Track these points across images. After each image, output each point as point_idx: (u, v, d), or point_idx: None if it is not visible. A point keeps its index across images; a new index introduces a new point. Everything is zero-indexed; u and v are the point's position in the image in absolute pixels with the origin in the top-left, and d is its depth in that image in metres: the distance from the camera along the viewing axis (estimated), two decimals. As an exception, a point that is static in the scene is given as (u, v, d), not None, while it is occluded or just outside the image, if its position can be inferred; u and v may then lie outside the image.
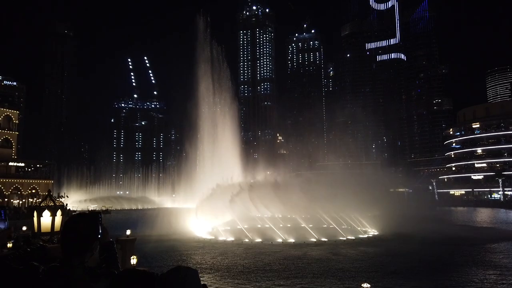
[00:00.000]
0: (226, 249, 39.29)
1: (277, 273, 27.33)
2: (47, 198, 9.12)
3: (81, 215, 3.15)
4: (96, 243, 3.00)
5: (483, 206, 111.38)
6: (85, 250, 2.88)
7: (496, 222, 68.60)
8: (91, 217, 3.08)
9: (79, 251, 2.86)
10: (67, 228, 2.93)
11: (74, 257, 2.83)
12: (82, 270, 2.80)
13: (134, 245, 24.56)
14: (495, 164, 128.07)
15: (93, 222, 3.02)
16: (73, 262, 2.80)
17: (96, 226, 3.01)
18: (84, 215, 3.11)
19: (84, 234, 2.89)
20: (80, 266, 2.81)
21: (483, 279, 25.05)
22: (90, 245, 2.92)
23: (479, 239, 43.81)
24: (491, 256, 33.80)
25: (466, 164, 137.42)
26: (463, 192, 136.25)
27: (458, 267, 28.87)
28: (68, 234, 2.89)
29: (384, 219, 50.90)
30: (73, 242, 2.87)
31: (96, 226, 3.02)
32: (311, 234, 44.93)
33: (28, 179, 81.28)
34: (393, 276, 25.96)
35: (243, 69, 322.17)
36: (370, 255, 34.63)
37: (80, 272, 2.78)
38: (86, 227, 2.93)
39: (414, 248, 37.34)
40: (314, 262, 31.28)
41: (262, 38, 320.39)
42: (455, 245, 39.50)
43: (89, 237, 2.91)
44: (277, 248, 39.39)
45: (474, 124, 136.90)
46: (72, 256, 2.83)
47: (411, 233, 46.27)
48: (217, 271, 28.80)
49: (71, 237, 2.88)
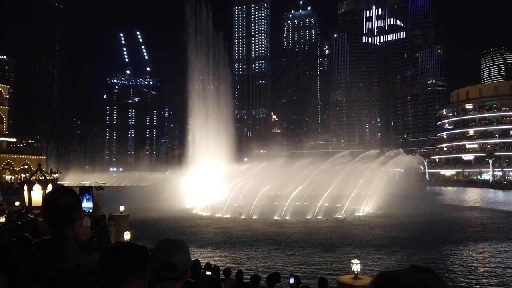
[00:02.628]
0: (222, 225, 39.67)
1: (263, 244, 27.72)
2: (37, 172, 8.95)
3: (60, 189, 3.19)
4: (80, 212, 3.01)
5: (473, 186, 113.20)
6: (73, 221, 2.89)
7: (483, 202, 69.83)
8: (69, 189, 3.10)
9: (67, 222, 2.86)
10: (51, 202, 2.93)
11: (65, 230, 2.83)
12: (75, 243, 2.82)
13: (127, 221, 24.62)
14: (486, 145, 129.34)
15: (73, 193, 3.04)
16: (66, 235, 2.82)
17: (76, 197, 3.05)
18: (62, 189, 3.14)
19: (68, 205, 2.90)
20: (72, 239, 2.82)
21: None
22: (76, 215, 2.93)
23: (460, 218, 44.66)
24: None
25: (458, 144, 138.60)
26: (454, 172, 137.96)
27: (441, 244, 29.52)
28: (54, 208, 2.88)
29: (376, 198, 51.52)
30: (59, 215, 2.86)
31: (77, 197, 3.07)
32: (305, 212, 45.51)
33: (20, 155, 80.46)
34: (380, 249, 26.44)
35: (238, 47, 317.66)
36: (365, 231, 35.20)
37: (72, 245, 2.80)
38: (68, 199, 2.93)
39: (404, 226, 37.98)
40: (300, 235, 31.77)
41: (257, 14, 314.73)
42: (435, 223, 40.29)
43: (73, 208, 2.92)
44: (270, 224, 39.82)
45: (467, 105, 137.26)
46: (62, 229, 2.84)
47: (400, 213, 46.99)
48: (210, 245, 29.11)
49: (57, 210, 2.87)
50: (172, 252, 2.24)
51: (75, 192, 3.11)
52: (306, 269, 22.03)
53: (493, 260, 25.18)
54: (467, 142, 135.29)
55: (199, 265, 12.59)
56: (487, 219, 44.28)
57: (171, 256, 2.21)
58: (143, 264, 2.12)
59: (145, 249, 2.21)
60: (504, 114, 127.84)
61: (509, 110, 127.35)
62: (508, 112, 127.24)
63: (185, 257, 2.32)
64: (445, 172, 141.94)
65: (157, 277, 2.20)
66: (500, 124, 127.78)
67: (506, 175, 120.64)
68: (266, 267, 21.75)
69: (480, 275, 21.67)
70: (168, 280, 2.21)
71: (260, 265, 23.15)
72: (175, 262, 2.20)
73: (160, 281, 2.21)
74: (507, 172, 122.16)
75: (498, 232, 35.47)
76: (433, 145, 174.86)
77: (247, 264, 23.50)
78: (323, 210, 46.63)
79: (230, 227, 38.48)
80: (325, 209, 47.10)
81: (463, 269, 22.70)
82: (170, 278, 2.21)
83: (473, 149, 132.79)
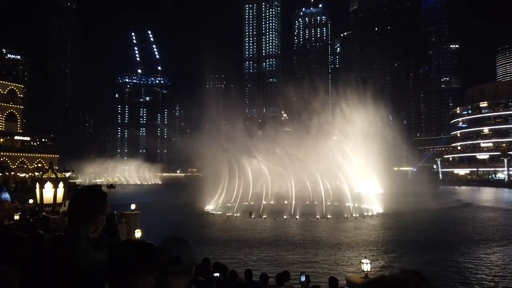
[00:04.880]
0: (232, 223, 39.74)
1: (274, 245, 27.63)
2: (49, 170, 9.05)
3: (89, 187, 3.23)
4: (101, 217, 3.06)
5: (487, 186, 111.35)
6: (89, 221, 2.97)
7: (498, 202, 68.56)
8: (98, 190, 3.15)
9: (84, 221, 2.95)
10: (75, 198, 3.01)
11: (79, 227, 2.92)
12: (86, 240, 2.89)
13: (138, 219, 24.81)
14: (501, 144, 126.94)
15: (100, 195, 3.10)
16: (79, 232, 2.90)
17: (102, 200, 3.09)
18: (91, 188, 3.19)
19: (90, 206, 2.97)
20: (84, 236, 2.90)
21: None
22: (95, 217, 2.99)
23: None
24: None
25: (472, 143, 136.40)
26: (468, 171, 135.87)
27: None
28: (75, 205, 2.98)
29: (387, 198, 51.05)
30: (78, 212, 2.95)
31: (102, 200, 3.09)
32: (318, 211, 45.28)
33: (34, 153, 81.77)
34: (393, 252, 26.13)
35: (248, 45, 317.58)
36: (376, 230, 34.84)
37: (84, 242, 2.87)
38: (92, 199, 3.01)
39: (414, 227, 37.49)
40: (313, 235, 31.57)
41: (268, 12, 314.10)
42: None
43: (94, 209, 2.99)
44: (280, 223, 39.72)
45: (481, 103, 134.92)
46: (77, 226, 2.92)
47: (412, 213, 46.42)
48: (220, 243, 29.15)
49: (77, 207, 2.97)
50: (177, 247, 2.28)
51: (102, 193, 3.14)
52: (316, 269, 21.89)
53: (507, 264, 24.69)
54: (481, 141, 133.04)
55: (209, 264, 12.56)
56: (503, 219, 43.46)
57: (175, 251, 2.24)
58: (152, 261, 2.15)
59: (153, 247, 2.24)
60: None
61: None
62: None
63: (190, 253, 2.34)
64: (459, 171, 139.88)
65: (161, 271, 2.22)
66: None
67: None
68: (275, 266, 21.68)
69: (496, 278, 21.27)
70: (173, 274, 2.23)
71: (270, 264, 23.09)
72: (180, 256, 2.24)
73: (165, 276, 2.22)
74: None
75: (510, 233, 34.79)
76: (447, 144, 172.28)
77: (257, 263, 23.46)
78: (334, 209, 46.37)
79: (240, 226, 38.50)
80: (335, 208, 46.83)
81: (478, 272, 22.29)
82: (175, 272, 2.23)
83: (488, 148, 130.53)
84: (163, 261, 2.22)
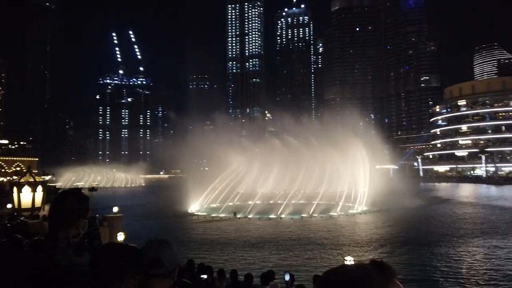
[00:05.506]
0: (217, 224, 39.57)
1: (260, 245, 27.66)
2: (27, 174, 8.82)
3: (71, 190, 3.11)
4: (83, 221, 2.97)
5: (466, 182, 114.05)
6: (70, 224, 2.89)
7: (476, 197, 70.33)
8: (79, 193, 3.06)
9: (65, 225, 2.87)
10: (56, 202, 2.95)
11: (59, 231, 2.84)
12: (66, 244, 2.83)
13: (121, 222, 24.46)
14: (479, 141, 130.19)
15: (82, 198, 3.01)
16: (58, 236, 2.82)
17: (84, 203, 3.00)
18: (73, 191, 3.07)
19: (71, 209, 2.91)
20: (64, 241, 2.83)
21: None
22: (76, 220, 2.92)
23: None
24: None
25: (451, 141, 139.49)
26: (447, 168, 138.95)
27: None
28: (56, 208, 2.91)
29: (370, 196, 51.71)
30: (59, 216, 2.88)
31: (84, 203, 3.01)
32: (302, 209, 45.54)
33: (12, 157, 79.78)
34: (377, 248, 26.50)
35: (231, 45, 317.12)
36: (360, 228, 35.27)
37: (64, 246, 2.81)
38: (74, 203, 2.94)
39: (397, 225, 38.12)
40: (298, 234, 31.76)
41: (250, 12, 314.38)
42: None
43: (75, 212, 2.92)
44: (265, 222, 39.78)
45: (460, 101, 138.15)
46: (57, 230, 2.85)
47: (394, 209, 47.20)
48: (205, 244, 29.01)
49: (58, 210, 2.90)
50: (159, 249, 2.26)
51: (83, 196, 3.06)
52: (301, 267, 22.02)
53: (487, 257, 25.35)
54: (460, 138, 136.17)
55: (194, 265, 12.50)
56: (481, 214, 44.60)
57: (158, 253, 2.23)
58: (135, 265, 2.13)
59: (136, 249, 2.21)
60: (496, 110, 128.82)
61: (501, 106, 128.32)
62: (501, 108, 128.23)
63: (172, 255, 2.32)
64: (439, 168, 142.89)
65: (144, 274, 2.19)
66: (492, 120, 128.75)
67: (498, 171, 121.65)
68: (261, 266, 21.71)
69: (476, 271, 21.81)
70: (156, 277, 2.20)
71: (255, 264, 23.11)
72: (162, 259, 2.22)
73: (148, 279, 2.20)
74: (500, 168, 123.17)
75: (493, 227, 35.73)
76: (427, 142, 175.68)
77: (242, 263, 23.44)
78: (318, 208, 46.70)
79: (225, 227, 38.39)
80: (320, 207, 47.18)
81: (458, 266, 22.82)
82: (157, 274, 2.20)
83: (466, 145, 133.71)
84: (146, 264, 2.20)
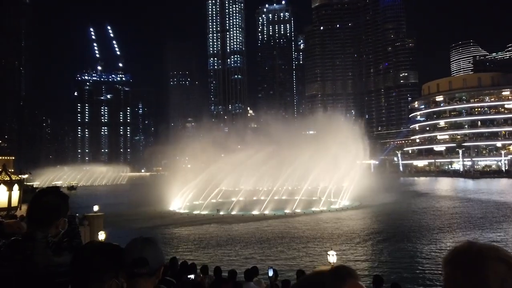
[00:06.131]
0: (200, 221, 39.37)
1: (243, 242, 27.70)
2: (2, 172, 8.53)
3: (49, 189, 3.04)
4: (62, 219, 2.90)
5: (444, 176, 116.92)
6: (49, 223, 2.82)
7: (454, 191, 72.20)
8: (58, 191, 3.00)
9: (44, 224, 2.80)
10: (34, 200, 2.88)
11: (37, 230, 2.77)
12: (45, 244, 2.75)
13: (102, 221, 24.04)
14: (456, 136, 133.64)
15: (61, 197, 2.95)
16: (36, 236, 2.74)
17: (63, 201, 2.93)
18: (52, 189, 3.01)
19: (50, 207, 2.84)
20: (43, 240, 2.75)
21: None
22: (56, 219, 2.85)
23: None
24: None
25: (429, 136, 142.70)
26: (426, 163, 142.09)
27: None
28: (35, 207, 2.85)
29: (352, 190, 52.42)
30: (38, 214, 2.81)
31: (64, 202, 2.94)
32: (285, 206, 45.75)
33: (-13, 156, 77.18)
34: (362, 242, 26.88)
35: (212, 41, 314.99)
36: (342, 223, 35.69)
37: (42, 246, 2.73)
38: (52, 201, 2.87)
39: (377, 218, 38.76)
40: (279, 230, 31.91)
41: (231, 8, 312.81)
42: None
43: (55, 211, 2.86)
44: (249, 219, 39.82)
45: (437, 97, 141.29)
46: (35, 230, 2.78)
47: (375, 204, 47.99)
48: (187, 242, 28.84)
49: (37, 209, 2.83)
50: (143, 248, 2.21)
51: (62, 194, 2.96)
52: (285, 263, 22.14)
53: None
54: (438, 133, 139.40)
55: (177, 263, 12.39)
56: (459, 208, 45.78)
57: (142, 252, 2.18)
58: (118, 263, 2.07)
59: (119, 248, 2.16)
60: (472, 105, 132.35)
61: (477, 102, 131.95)
62: (476, 103, 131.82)
63: (157, 253, 2.26)
64: (418, 163, 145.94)
65: (128, 273, 2.15)
66: (469, 115, 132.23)
67: (475, 165, 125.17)
68: (244, 263, 21.71)
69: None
70: (140, 276, 2.16)
71: (239, 260, 23.10)
72: (146, 257, 2.18)
73: (132, 278, 2.15)
74: (476, 162, 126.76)
75: (471, 221, 36.74)
76: (406, 137, 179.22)
77: (225, 260, 23.40)
78: (301, 204, 47.03)
79: (208, 224, 38.22)
80: (302, 203, 47.52)
81: (439, 259, 23.36)
82: (142, 273, 2.16)
83: (444, 140, 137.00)
84: (130, 263, 2.14)
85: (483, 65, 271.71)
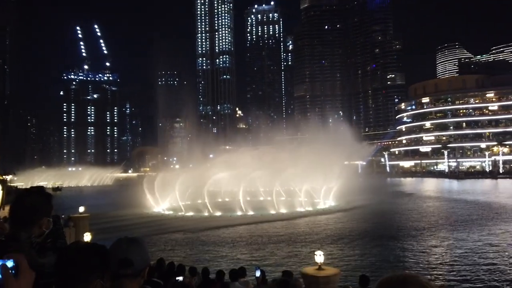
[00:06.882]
0: (185, 223, 39.08)
1: (230, 243, 27.63)
2: (-17, 173, 8.35)
3: (33, 188, 2.98)
4: (46, 219, 2.86)
5: (430, 177, 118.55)
6: (33, 223, 2.77)
7: (439, 192, 73.28)
8: (42, 191, 2.95)
9: (27, 224, 2.75)
10: (18, 200, 2.86)
11: (21, 231, 2.72)
12: (29, 245, 2.70)
13: (87, 222, 23.72)
14: (442, 137, 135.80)
15: (45, 196, 2.91)
16: (20, 237, 2.68)
17: (47, 201, 2.90)
18: (36, 189, 2.96)
19: (34, 207, 2.80)
20: (26, 241, 2.70)
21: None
22: (39, 219, 2.80)
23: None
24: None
25: (416, 137, 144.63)
26: (412, 163, 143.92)
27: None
28: (18, 206, 2.81)
29: (338, 190, 52.71)
30: (21, 214, 2.77)
31: (48, 201, 2.90)
32: (269, 206, 45.69)
33: (-31, 156, 75.52)
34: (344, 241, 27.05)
35: (201, 41, 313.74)
36: (328, 224, 35.86)
37: (26, 246, 2.66)
38: (36, 200, 2.84)
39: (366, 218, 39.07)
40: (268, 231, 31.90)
41: (220, 9, 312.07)
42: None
43: (38, 210, 2.82)
44: (236, 220, 39.72)
45: (424, 98, 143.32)
46: (19, 230, 2.73)
47: (362, 204, 48.37)
48: (173, 244, 28.64)
49: (20, 209, 2.80)
50: (128, 248, 2.18)
51: (46, 193, 2.91)
52: (272, 263, 22.14)
53: (453, 250, 26.43)
54: (424, 135, 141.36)
55: (164, 264, 12.27)
56: (445, 208, 46.48)
57: (127, 252, 2.14)
58: (103, 264, 2.06)
59: (104, 248, 2.14)
60: (457, 107, 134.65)
61: (462, 104, 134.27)
62: (461, 105, 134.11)
63: (143, 253, 2.24)
64: (404, 163, 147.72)
65: (113, 274, 2.11)
66: (454, 117, 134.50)
67: (460, 165, 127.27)
68: (231, 264, 21.64)
69: (440, 265, 22.67)
70: (125, 276, 2.13)
71: (227, 262, 23.02)
72: (131, 258, 2.15)
73: (117, 279, 2.12)
74: (461, 163, 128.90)
75: (456, 220, 37.30)
76: (393, 138, 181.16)
77: (213, 261, 23.29)
78: (287, 204, 47.08)
79: (194, 225, 37.99)
80: (288, 203, 47.57)
81: (426, 259, 23.65)
82: (127, 274, 2.13)
83: (430, 141, 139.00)
84: (114, 263, 2.11)
85: (468, 67, 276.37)
